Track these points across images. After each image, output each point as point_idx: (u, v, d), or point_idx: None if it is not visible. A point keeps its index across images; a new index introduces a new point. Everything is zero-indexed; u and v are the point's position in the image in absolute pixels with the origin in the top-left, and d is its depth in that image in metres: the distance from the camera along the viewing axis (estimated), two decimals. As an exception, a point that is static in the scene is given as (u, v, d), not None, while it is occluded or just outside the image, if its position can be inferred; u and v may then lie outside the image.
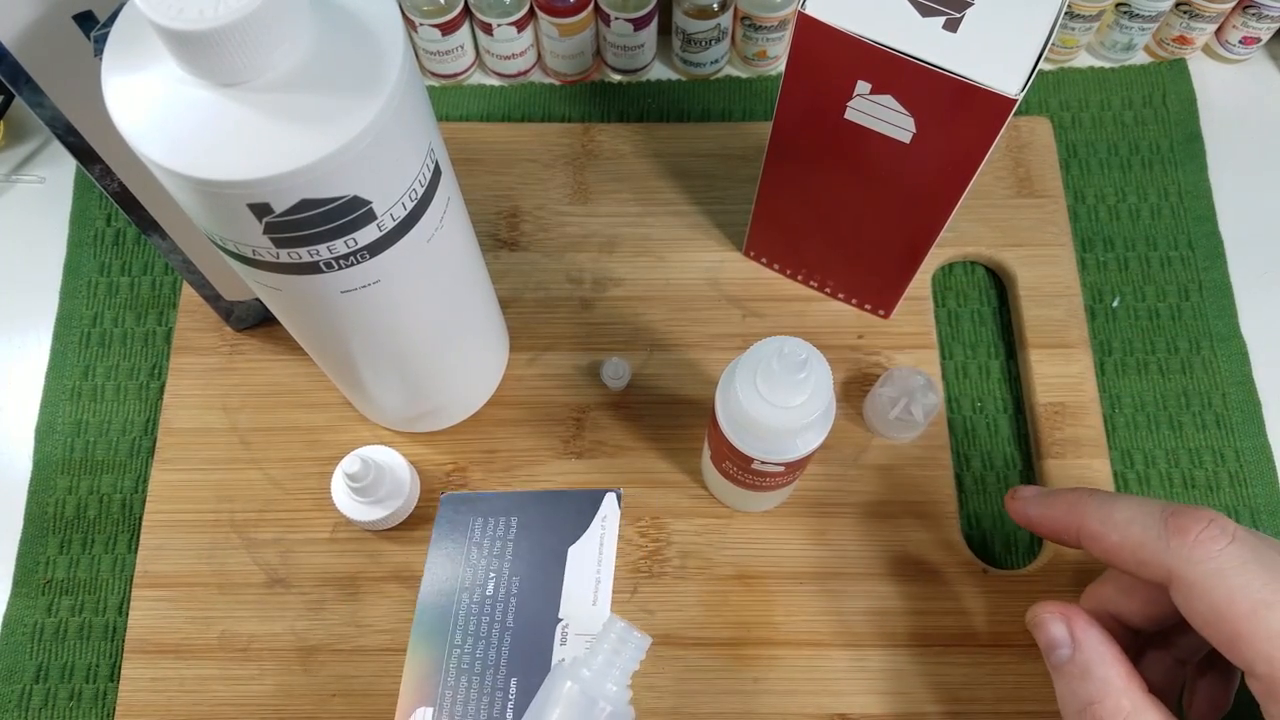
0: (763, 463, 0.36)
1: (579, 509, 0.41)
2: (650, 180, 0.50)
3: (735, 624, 0.42)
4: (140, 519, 0.44)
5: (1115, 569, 0.33)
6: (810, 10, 0.33)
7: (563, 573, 0.39)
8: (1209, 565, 0.29)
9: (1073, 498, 0.34)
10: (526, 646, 0.38)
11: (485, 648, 0.38)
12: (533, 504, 0.41)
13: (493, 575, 0.40)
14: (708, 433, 0.40)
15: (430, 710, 0.37)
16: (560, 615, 0.39)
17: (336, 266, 0.30)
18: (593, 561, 0.40)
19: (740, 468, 0.37)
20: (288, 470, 0.44)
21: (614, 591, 0.42)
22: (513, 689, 0.38)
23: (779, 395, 0.33)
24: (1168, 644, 0.36)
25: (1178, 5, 0.51)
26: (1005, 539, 0.44)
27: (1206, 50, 0.54)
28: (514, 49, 0.51)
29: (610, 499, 0.41)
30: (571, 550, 0.40)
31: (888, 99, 0.34)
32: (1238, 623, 0.29)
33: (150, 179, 0.29)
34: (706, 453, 0.41)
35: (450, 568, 0.40)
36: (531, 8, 0.50)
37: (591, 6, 0.49)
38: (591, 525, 0.40)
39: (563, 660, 0.38)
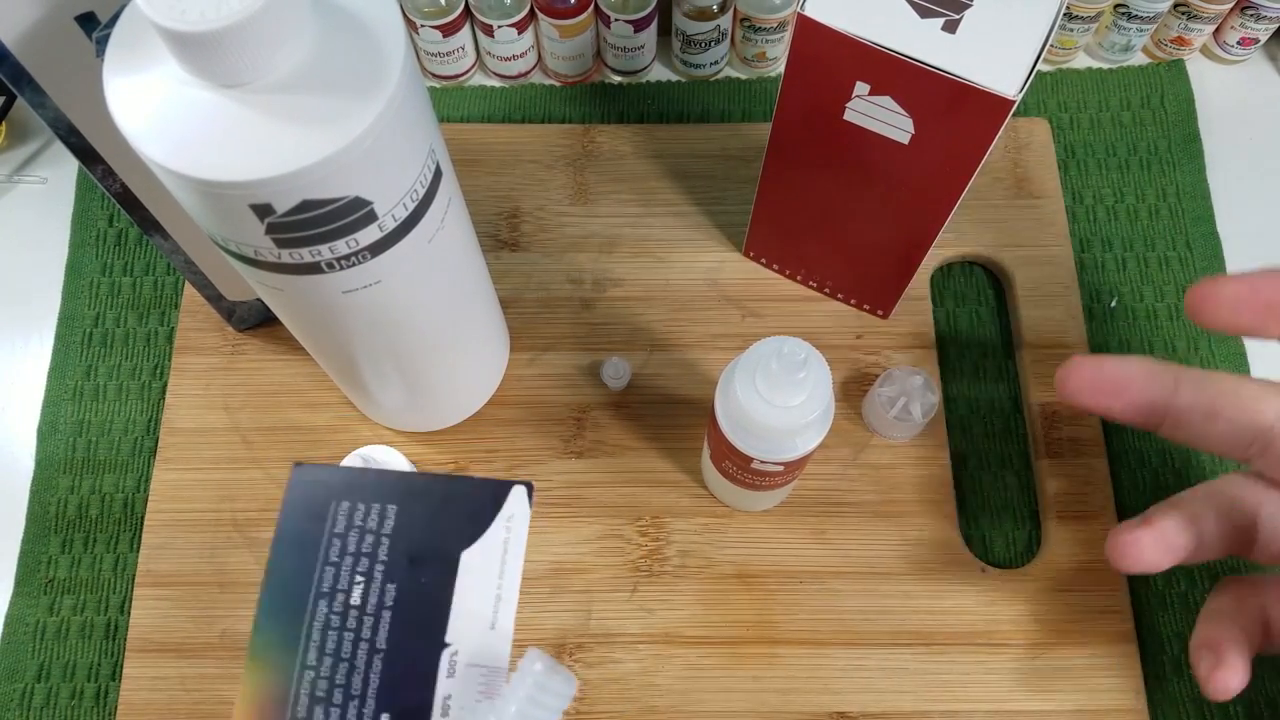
0: (762, 462, 0.36)
1: (477, 504, 0.32)
2: (650, 181, 0.50)
3: (735, 623, 0.42)
4: (142, 518, 0.44)
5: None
6: (809, 12, 0.33)
7: (453, 584, 0.31)
8: None
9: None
10: (403, 675, 0.30)
11: (348, 673, 0.30)
12: (416, 492, 0.32)
13: (360, 580, 0.31)
14: (707, 432, 0.40)
15: None
16: (448, 639, 0.31)
17: (338, 267, 0.30)
18: (493, 572, 0.31)
19: (740, 467, 0.37)
20: (289, 469, 0.44)
21: (610, 594, 0.42)
22: None
23: (778, 395, 0.34)
24: None
25: (1176, 6, 0.51)
26: (1004, 538, 0.44)
27: (1205, 51, 0.54)
28: (514, 50, 0.51)
29: (518, 494, 0.32)
30: (465, 555, 0.32)
31: (886, 100, 0.34)
32: None
33: (152, 179, 0.29)
34: (706, 452, 0.41)
35: (303, 564, 0.31)
36: (532, 9, 0.50)
37: (592, 8, 0.50)
38: (493, 526, 0.32)
39: (469, 708, 0.30)
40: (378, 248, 0.30)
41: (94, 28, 0.30)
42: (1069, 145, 0.52)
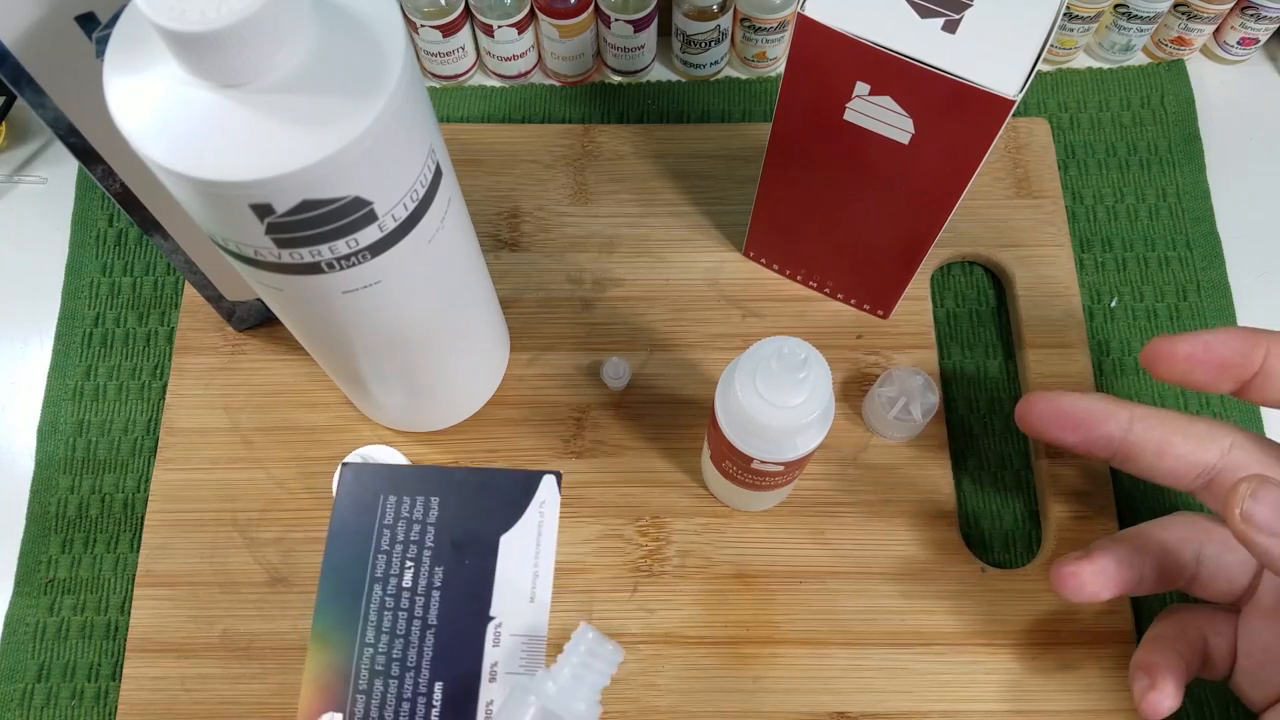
0: (762, 462, 0.36)
1: (512, 492, 0.36)
2: (650, 181, 0.50)
3: (735, 623, 0.42)
4: (142, 518, 0.44)
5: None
6: (809, 12, 0.33)
7: (494, 565, 0.35)
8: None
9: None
10: (452, 647, 0.34)
11: (403, 647, 0.34)
12: (456, 485, 0.36)
13: (410, 564, 0.35)
14: (707, 432, 0.40)
15: (339, 716, 0.33)
16: (492, 613, 0.34)
17: (338, 267, 0.30)
18: (529, 553, 0.35)
19: (740, 467, 0.37)
20: (290, 469, 0.45)
21: (610, 594, 0.42)
22: (437, 694, 0.34)
23: (778, 395, 0.34)
24: None
25: (1176, 6, 0.51)
26: (1003, 538, 0.44)
27: (1205, 51, 0.54)
28: (515, 50, 0.51)
29: (549, 482, 0.36)
30: (504, 539, 0.35)
31: (886, 100, 0.34)
32: None
33: (152, 179, 0.29)
34: (706, 452, 0.41)
35: (356, 554, 0.35)
36: (532, 9, 0.50)
37: (592, 8, 0.50)
38: (528, 511, 0.36)
39: (526, 674, 0.34)
40: (378, 248, 0.30)
41: (94, 28, 0.30)
42: (1069, 145, 0.52)
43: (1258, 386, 0.35)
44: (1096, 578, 0.36)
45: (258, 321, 0.47)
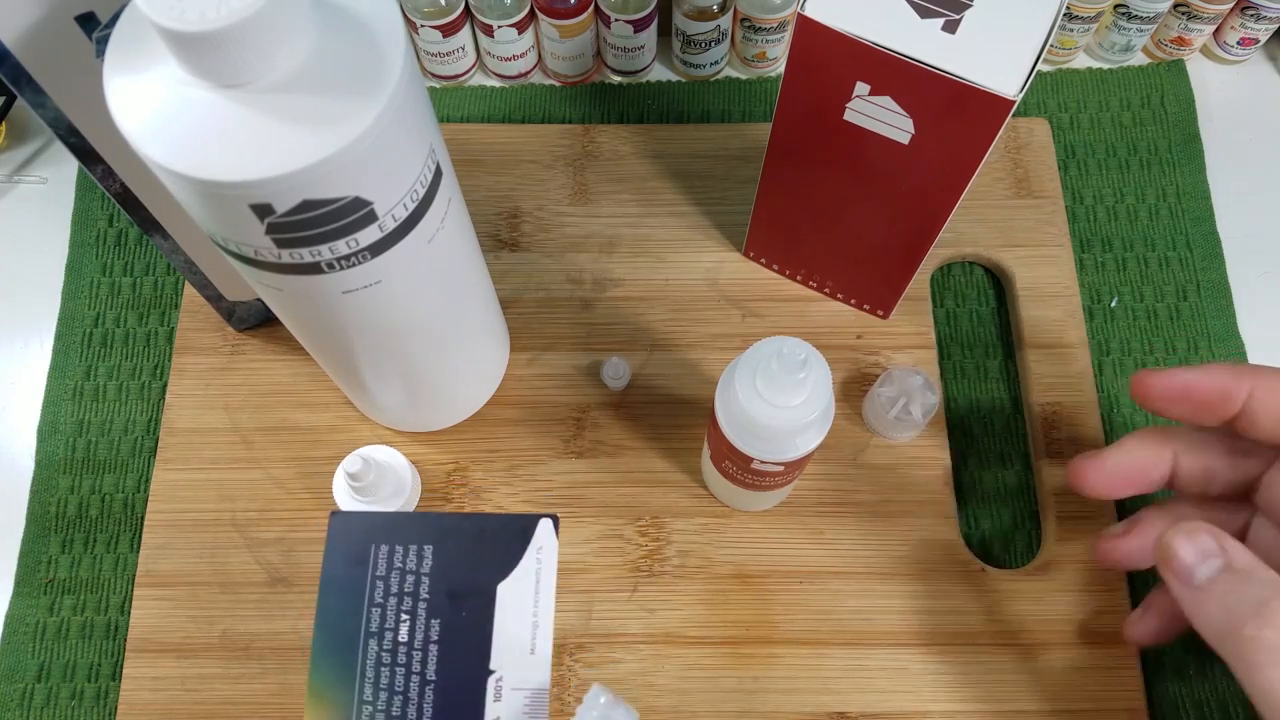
0: (762, 463, 0.36)
1: (507, 538, 0.35)
2: (650, 181, 0.50)
3: (735, 623, 0.42)
4: (142, 518, 0.44)
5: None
6: (809, 12, 0.33)
7: (492, 615, 0.34)
8: None
9: (1228, 366, 0.36)
10: (453, 703, 0.33)
11: (403, 704, 0.33)
12: (450, 532, 0.35)
13: (405, 617, 0.34)
14: (707, 433, 0.40)
15: None
16: (492, 666, 0.33)
17: (338, 267, 0.30)
18: (528, 602, 0.34)
19: (740, 467, 0.37)
20: (289, 470, 0.45)
21: (610, 594, 0.42)
22: None
23: (778, 395, 0.34)
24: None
25: (1176, 6, 0.51)
26: (1003, 538, 0.44)
27: (1205, 51, 0.54)
28: (515, 50, 0.51)
29: (545, 526, 0.35)
30: (501, 587, 0.34)
31: (886, 100, 0.34)
32: None
33: (152, 179, 0.29)
34: (706, 452, 0.41)
35: (350, 607, 0.34)
36: (532, 9, 0.50)
37: (592, 8, 0.50)
38: (525, 558, 0.34)
39: None
40: (378, 248, 0.30)
41: (94, 28, 0.30)
42: (1069, 145, 0.52)
43: (1243, 425, 0.35)
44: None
45: (258, 321, 0.47)
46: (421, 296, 0.34)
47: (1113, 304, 0.48)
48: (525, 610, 0.34)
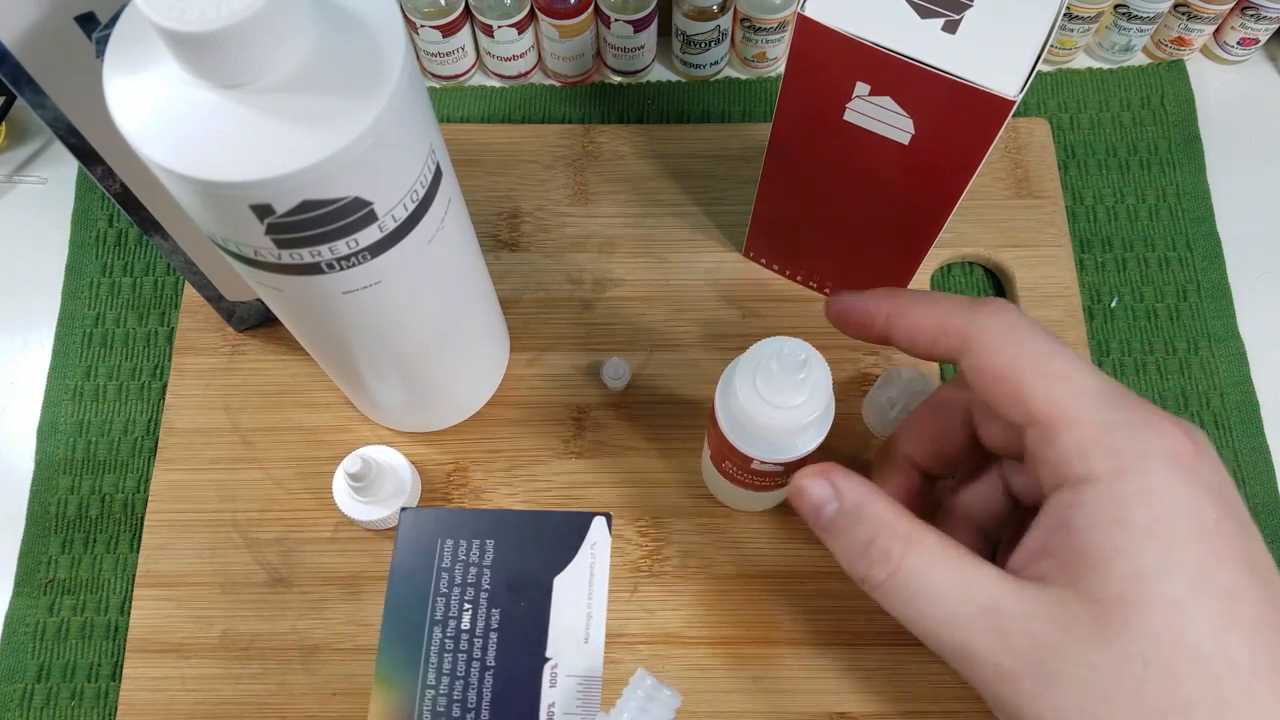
0: (762, 463, 0.36)
1: (564, 534, 0.37)
2: (650, 181, 0.50)
3: (735, 623, 0.42)
4: (142, 519, 0.44)
5: (914, 353, 0.34)
6: (809, 12, 0.33)
7: (549, 606, 0.36)
8: (1001, 322, 0.31)
9: (886, 290, 0.35)
10: (510, 688, 0.35)
11: (463, 689, 0.35)
12: (510, 527, 0.37)
13: (468, 607, 0.36)
14: (707, 433, 0.40)
15: None
16: (548, 654, 0.35)
17: (338, 267, 0.30)
18: (583, 594, 0.36)
19: (740, 467, 0.37)
20: (289, 470, 0.45)
21: (610, 594, 0.42)
22: None
23: (778, 395, 0.34)
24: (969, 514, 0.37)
25: (1176, 6, 0.51)
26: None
27: (1205, 51, 0.54)
28: (514, 50, 0.51)
29: (599, 524, 0.37)
30: (558, 581, 0.36)
31: (887, 100, 0.34)
32: (1022, 370, 0.30)
33: (152, 180, 0.29)
34: (707, 453, 0.41)
35: (417, 597, 0.36)
36: (532, 9, 0.50)
37: (592, 8, 0.50)
38: (579, 553, 0.37)
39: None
40: (378, 248, 0.30)
41: (94, 28, 0.30)
42: (1069, 145, 0.52)
43: (895, 343, 0.35)
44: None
45: (258, 321, 0.47)
46: (421, 297, 0.34)
47: (1113, 304, 0.48)
48: (580, 602, 0.36)
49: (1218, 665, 0.26)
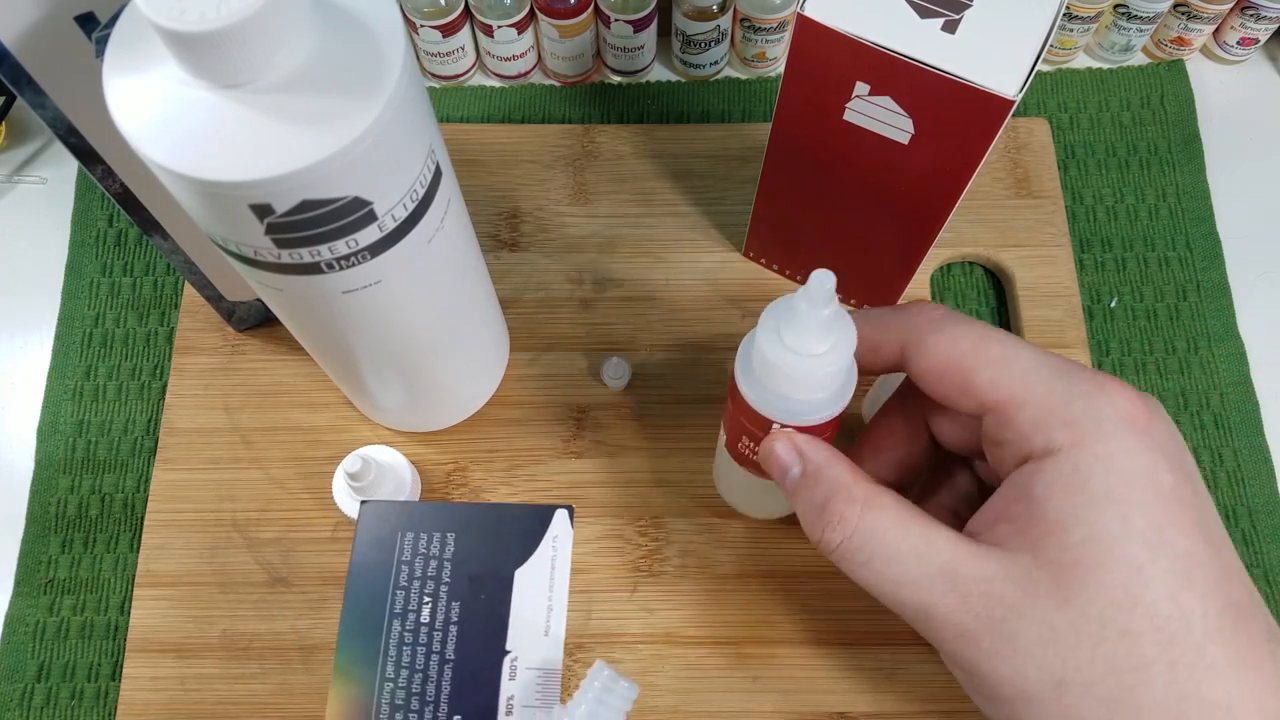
0: (781, 427, 0.34)
1: (526, 527, 0.37)
2: (650, 181, 0.50)
3: (734, 623, 0.42)
4: (142, 518, 0.44)
5: (872, 370, 0.35)
6: (809, 12, 0.33)
7: (509, 599, 0.36)
8: (930, 320, 0.32)
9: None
10: (470, 681, 0.35)
11: (422, 682, 0.35)
12: (471, 520, 0.37)
13: (428, 599, 0.36)
14: (724, 419, 0.39)
15: None
16: (508, 647, 0.35)
17: (338, 267, 0.30)
18: (543, 587, 0.36)
19: (757, 444, 0.36)
20: (289, 470, 0.45)
21: (610, 594, 0.42)
22: None
23: (804, 338, 0.32)
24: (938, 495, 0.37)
25: (1176, 6, 0.51)
26: (1004, 538, 0.44)
27: (1205, 51, 0.54)
28: (514, 50, 0.51)
29: (561, 516, 0.37)
30: (519, 574, 0.36)
31: (886, 100, 0.34)
32: (962, 362, 0.31)
33: (152, 180, 0.29)
34: (720, 454, 0.40)
35: (376, 590, 0.36)
36: (532, 9, 0.50)
37: (591, 8, 0.50)
38: (541, 546, 0.37)
39: (540, 708, 0.35)
40: (377, 248, 0.30)
41: (94, 28, 0.30)
42: (1069, 145, 0.52)
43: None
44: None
45: (258, 321, 0.47)
46: (421, 296, 0.34)
47: (1112, 304, 0.48)
48: (540, 594, 0.36)
49: (1174, 626, 0.27)
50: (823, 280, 0.31)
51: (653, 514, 0.44)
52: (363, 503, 0.37)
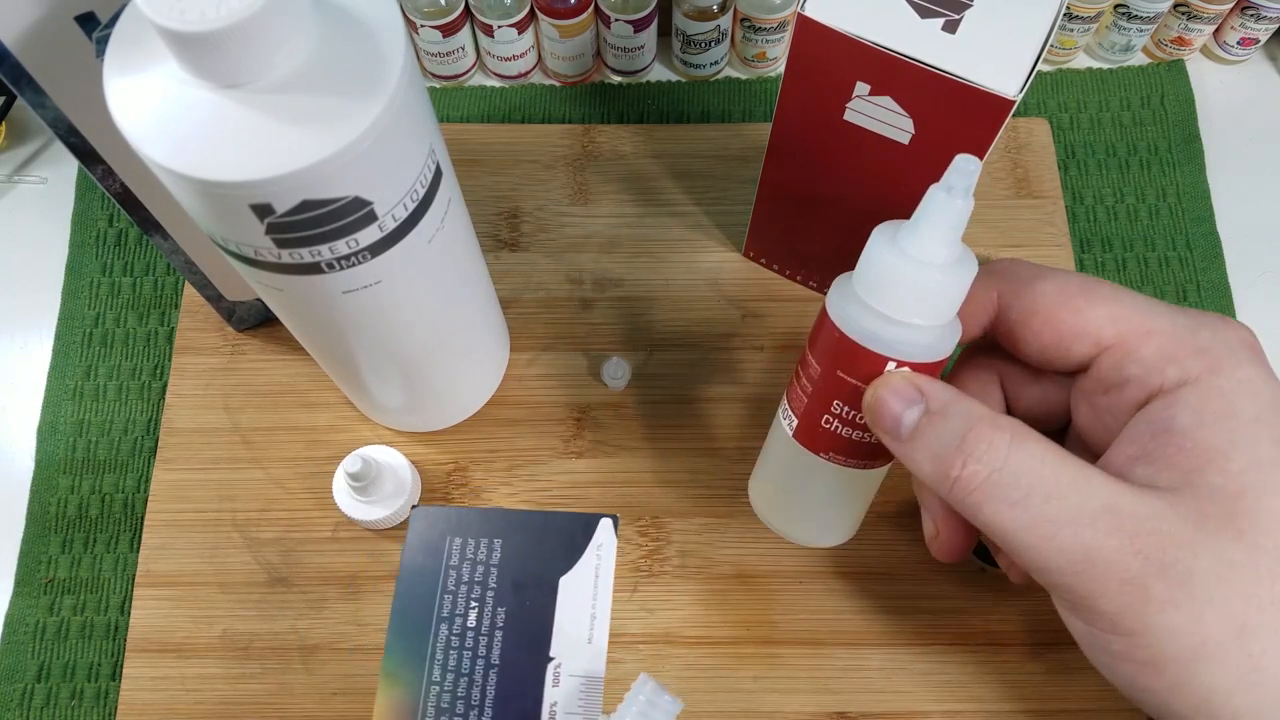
0: (899, 364, 0.30)
1: (571, 535, 0.37)
2: (650, 181, 0.50)
3: (734, 623, 0.42)
4: (142, 518, 0.44)
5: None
6: (809, 12, 0.33)
7: (554, 606, 0.36)
8: (1023, 272, 0.31)
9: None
10: (514, 686, 0.35)
11: (468, 686, 0.35)
12: (518, 527, 0.37)
13: (474, 605, 0.36)
14: (789, 398, 0.34)
15: None
16: (552, 653, 0.35)
17: (338, 267, 0.30)
18: (587, 595, 0.36)
19: (859, 400, 0.31)
20: (289, 470, 0.45)
21: (614, 592, 0.42)
22: None
23: (932, 240, 0.28)
24: None
25: (1176, 6, 0.51)
26: (1004, 538, 0.44)
27: (1205, 51, 0.54)
28: (515, 50, 0.51)
29: (606, 525, 0.37)
30: (563, 581, 0.36)
31: (887, 100, 0.34)
32: (1075, 299, 0.29)
33: (152, 180, 0.29)
34: (775, 455, 0.36)
35: (424, 594, 0.36)
36: (532, 9, 0.50)
37: (592, 8, 0.50)
38: (585, 554, 0.37)
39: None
40: (378, 248, 0.30)
41: (94, 28, 0.30)
42: (1069, 145, 0.52)
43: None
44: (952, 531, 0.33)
45: (258, 321, 0.47)
46: (421, 296, 0.34)
47: (1113, 304, 0.48)
48: (584, 603, 0.36)
49: None
50: (968, 163, 0.28)
51: (653, 514, 0.44)
52: (414, 507, 0.37)
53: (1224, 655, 0.25)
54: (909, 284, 0.29)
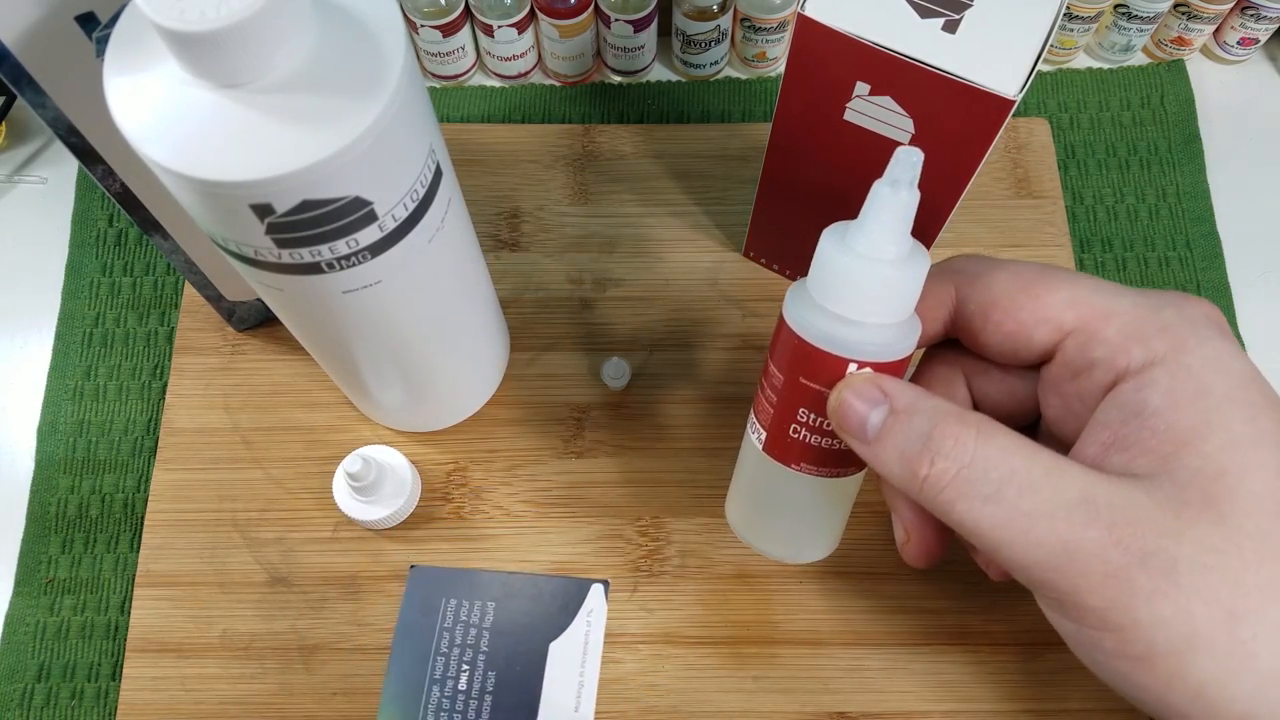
0: (859, 365, 0.29)
1: (563, 600, 0.38)
2: (650, 181, 0.50)
3: (734, 623, 0.42)
4: (142, 518, 0.44)
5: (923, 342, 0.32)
6: (809, 12, 0.33)
7: (543, 672, 0.36)
8: (978, 265, 0.30)
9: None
10: None
11: None
12: (512, 591, 0.38)
13: (465, 668, 0.37)
14: (756, 410, 0.33)
15: None
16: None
17: (338, 267, 0.30)
18: (576, 661, 0.37)
19: (823, 406, 0.30)
20: (289, 470, 0.45)
21: (610, 594, 0.42)
22: None
23: (878, 236, 0.28)
24: None
25: (1176, 6, 0.51)
26: (1004, 538, 0.44)
27: (1205, 51, 0.54)
28: (515, 50, 0.51)
29: (597, 591, 0.38)
30: (553, 646, 0.37)
31: (887, 100, 0.34)
32: (1032, 286, 0.29)
33: (152, 179, 0.29)
34: (747, 471, 0.35)
35: (419, 654, 0.37)
36: (532, 9, 0.50)
37: (592, 8, 0.50)
38: (575, 620, 0.37)
39: None
40: (378, 248, 0.30)
41: (94, 28, 0.30)
42: (1069, 145, 0.52)
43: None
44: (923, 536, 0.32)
45: (258, 321, 0.47)
46: (421, 296, 0.34)
47: (1113, 304, 0.48)
48: (573, 670, 0.37)
49: None
50: (909, 155, 0.27)
51: (653, 514, 0.44)
52: (412, 567, 0.38)
53: (1215, 644, 0.24)
54: (861, 281, 0.29)
